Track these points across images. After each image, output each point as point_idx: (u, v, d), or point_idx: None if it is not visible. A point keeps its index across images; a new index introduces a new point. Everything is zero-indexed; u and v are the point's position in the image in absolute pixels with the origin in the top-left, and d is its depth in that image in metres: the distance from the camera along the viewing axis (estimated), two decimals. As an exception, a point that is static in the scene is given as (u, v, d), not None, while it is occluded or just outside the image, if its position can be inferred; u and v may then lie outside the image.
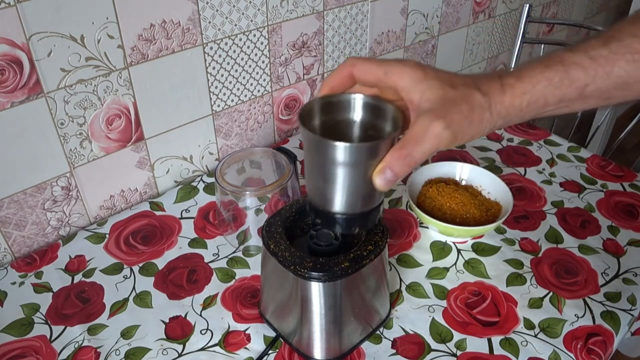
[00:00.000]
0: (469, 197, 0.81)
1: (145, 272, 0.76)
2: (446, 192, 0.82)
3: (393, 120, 0.54)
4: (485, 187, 0.85)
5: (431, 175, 0.87)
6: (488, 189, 0.85)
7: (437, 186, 0.83)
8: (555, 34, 1.76)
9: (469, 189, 0.85)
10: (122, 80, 0.79)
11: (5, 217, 0.76)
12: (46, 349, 0.65)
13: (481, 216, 0.79)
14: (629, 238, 0.82)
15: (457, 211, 0.80)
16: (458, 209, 0.80)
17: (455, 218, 0.79)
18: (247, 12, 0.88)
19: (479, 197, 0.83)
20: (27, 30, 0.67)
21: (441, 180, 0.86)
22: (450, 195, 0.81)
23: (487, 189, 0.85)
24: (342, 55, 1.09)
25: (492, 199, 0.84)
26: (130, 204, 0.90)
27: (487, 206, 0.82)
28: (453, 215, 0.80)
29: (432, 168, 0.87)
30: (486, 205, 0.82)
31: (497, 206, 0.82)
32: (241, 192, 0.74)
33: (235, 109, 0.96)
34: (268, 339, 0.66)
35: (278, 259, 0.59)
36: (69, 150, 0.78)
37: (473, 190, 0.85)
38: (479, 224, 0.78)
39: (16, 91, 0.69)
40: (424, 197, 0.83)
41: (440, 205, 0.81)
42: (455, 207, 0.80)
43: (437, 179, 0.87)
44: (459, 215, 0.79)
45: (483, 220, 0.79)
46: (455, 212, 0.80)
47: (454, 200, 0.80)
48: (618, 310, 0.70)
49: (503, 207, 0.81)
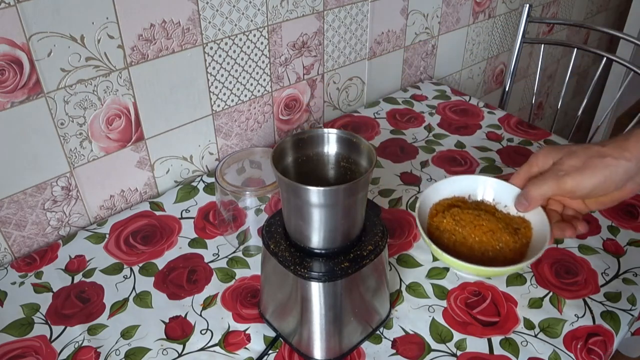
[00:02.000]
0: (495, 221, 0.65)
1: (145, 272, 0.76)
2: (466, 220, 0.65)
3: (367, 154, 0.55)
4: (499, 200, 0.68)
5: (432, 199, 0.69)
6: (504, 201, 0.68)
7: (451, 213, 0.66)
8: (555, 34, 1.76)
9: (483, 207, 0.69)
10: (122, 80, 0.79)
11: (5, 217, 0.76)
12: (46, 349, 0.65)
13: (515, 241, 0.63)
14: (629, 238, 0.82)
15: (487, 243, 0.63)
16: (488, 240, 0.63)
17: (486, 252, 0.63)
18: (247, 12, 0.88)
19: (498, 214, 0.67)
20: (27, 30, 0.67)
21: (450, 204, 0.69)
22: (472, 223, 0.64)
23: (503, 202, 0.68)
24: (342, 55, 1.09)
25: (512, 213, 0.67)
26: (130, 204, 0.90)
27: (514, 225, 0.66)
28: (483, 249, 0.63)
29: (431, 191, 0.69)
30: (512, 224, 0.66)
31: (524, 222, 0.66)
32: (241, 192, 0.74)
33: (235, 109, 0.96)
34: (268, 339, 0.66)
35: (278, 259, 0.59)
36: (69, 150, 0.78)
37: (488, 207, 0.69)
38: (516, 253, 0.63)
39: (16, 91, 0.69)
40: (438, 232, 0.65)
41: (464, 239, 0.64)
42: (484, 238, 0.63)
43: (443, 202, 0.69)
44: (491, 247, 0.63)
45: (519, 246, 0.63)
46: (485, 245, 0.63)
47: (480, 230, 0.64)
48: (618, 310, 0.70)
49: (531, 220, 0.65)
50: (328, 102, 1.13)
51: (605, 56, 1.21)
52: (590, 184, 0.56)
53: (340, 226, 0.55)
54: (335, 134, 0.56)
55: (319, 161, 0.58)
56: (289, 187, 0.52)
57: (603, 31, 1.23)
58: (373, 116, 1.13)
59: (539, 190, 0.60)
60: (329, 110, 1.14)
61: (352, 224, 0.56)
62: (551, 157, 0.61)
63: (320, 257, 0.58)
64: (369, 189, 0.89)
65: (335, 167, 0.58)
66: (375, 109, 1.16)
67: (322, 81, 1.08)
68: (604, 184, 0.56)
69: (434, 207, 0.69)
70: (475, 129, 1.09)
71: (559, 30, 1.78)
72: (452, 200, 0.70)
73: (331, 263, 0.57)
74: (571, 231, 0.60)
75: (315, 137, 0.56)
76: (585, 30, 1.91)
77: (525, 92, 1.80)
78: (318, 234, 0.55)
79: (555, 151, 0.61)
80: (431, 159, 1.00)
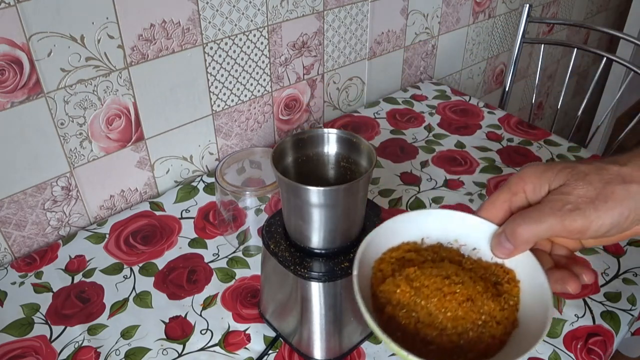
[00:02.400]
0: (469, 280, 0.44)
1: (145, 272, 0.76)
2: (430, 286, 0.44)
3: (367, 154, 0.55)
4: (466, 240, 0.49)
5: (374, 254, 0.48)
6: (472, 242, 0.48)
7: (405, 276, 0.45)
8: (555, 34, 1.76)
9: (445, 253, 0.48)
10: (122, 80, 0.79)
11: (5, 217, 0.76)
12: (46, 349, 0.65)
13: (502, 307, 0.44)
14: (629, 238, 0.82)
15: (466, 318, 0.42)
16: (465, 314, 0.42)
17: (465, 332, 0.42)
18: (247, 12, 0.88)
19: (466, 262, 0.48)
20: (27, 30, 0.67)
21: (399, 257, 0.48)
22: (440, 290, 0.43)
23: (470, 242, 0.48)
24: (342, 55, 1.09)
25: (485, 258, 0.48)
26: (130, 204, 0.90)
27: (492, 279, 0.47)
28: (461, 330, 0.42)
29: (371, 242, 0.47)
30: (489, 277, 0.47)
31: (506, 272, 0.47)
32: (241, 192, 0.74)
33: (235, 109, 0.96)
34: (268, 339, 0.66)
35: (278, 259, 0.59)
36: (69, 150, 0.78)
37: (451, 253, 0.48)
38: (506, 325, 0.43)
39: (16, 91, 0.69)
40: (391, 307, 0.44)
41: (430, 316, 0.43)
42: (459, 312, 0.42)
43: (389, 255, 0.48)
44: (472, 325, 0.42)
45: (507, 314, 0.44)
46: (462, 322, 0.42)
47: (454, 299, 0.43)
48: (618, 310, 0.70)
49: (516, 270, 0.46)
50: (328, 102, 1.13)
51: (605, 56, 1.21)
52: (609, 222, 0.40)
53: (340, 226, 0.55)
54: (335, 134, 0.56)
55: (319, 161, 0.58)
56: (289, 187, 0.52)
57: (603, 31, 1.23)
58: (373, 116, 1.13)
59: (533, 230, 0.42)
60: (329, 110, 1.14)
61: (352, 224, 0.56)
62: (546, 180, 0.43)
63: (320, 257, 0.58)
64: (369, 189, 0.89)
65: (335, 167, 0.58)
66: (375, 109, 1.16)
67: (322, 81, 1.08)
68: (627, 221, 0.41)
69: (377, 265, 0.47)
70: (475, 129, 1.09)
71: (559, 30, 1.78)
72: (402, 251, 0.48)
73: (331, 263, 0.57)
74: (575, 284, 0.43)
75: (315, 137, 0.56)
76: (585, 30, 1.91)
77: (525, 92, 1.80)
78: (318, 234, 0.55)
79: (552, 172, 0.43)
80: (431, 159, 1.00)
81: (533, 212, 0.42)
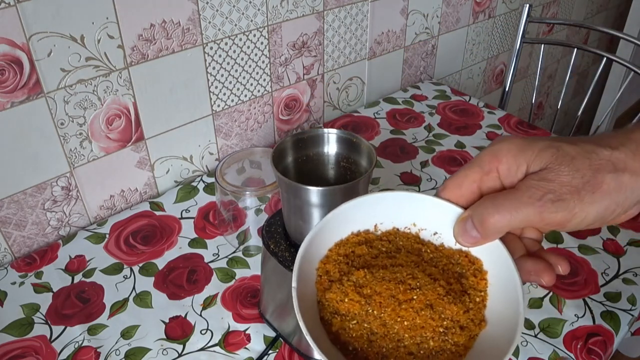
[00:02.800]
0: (428, 279, 0.39)
1: (145, 272, 0.76)
2: (384, 293, 0.38)
3: (367, 154, 0.55)
4: (425, 224, 0.43)
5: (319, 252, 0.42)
6: (432, 226, 0.42)
7: (354, 281, 0.39)
8: (555, 34, 1.76)
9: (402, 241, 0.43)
10: (122, 80, 0.79)
11: (5, 217, 0.76)
12: (46, 349, 0.65)
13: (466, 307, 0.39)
14: (629, 238, 0.82)
15: (426, 327, 0.38)
16: (425, 322, 0.38)
17: (425, 342, 0.38)
18: (247, 12, 0.88)
19: (426, 250, 0.42)
20: (27, 30, 0.67)
21: (346, 253, 0.42)
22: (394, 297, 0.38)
23: (431, 226, 0.42)
24: (342, 55, 1.09)
25: (448, 244, 0.42)
26: (130, 204, 0.90)
27: (455, 269, 0.41)
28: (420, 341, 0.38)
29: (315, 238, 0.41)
30: (451, 269, 0.41)
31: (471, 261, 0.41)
32: (241, 192, 0.74)
33: (235, 109, 0.96)
34: (268, 339, 0.66)
35: (278, 259, 0.59)
36: (69, 150, 0.78)
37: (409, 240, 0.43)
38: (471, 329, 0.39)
39: (16, 91, 0.69)
40: (337, 319, 0.39)
41: (384, 326, 0.38)
42: (417, 320, 0.38)
43: (335, 253, 0.42)
44: (432, 334, 0.38)
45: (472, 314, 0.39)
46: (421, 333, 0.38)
47: (409, 307, 0.38)
48: (618, 310, 0.70)
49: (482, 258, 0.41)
50: (328, 102, 1.13)
51: (605, 56, 1.21)
52: (593, 216, 0.35)
53: None
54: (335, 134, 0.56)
55: (319, 161, 0.58)
56: (289, 187, 0.52)
57: (603, 31, 1.23)
58: (373, 116, 1.13)
59: (506, 220, 0.36)
60: (329, 110, 1.14)
61: None
62: (525, 161, 0.36)
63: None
64: (369, 189, 0.89)
65: (335, 167, 0.58)
66: (375, 109, 1.16)
67: (322, 81, 1.08)
68: (612, 214, 0.36)
69: (322, 266, 0.41)
70: (475, 129, 1.09)
71: (559, 30, 1.78)
72: (350, 245, 0.42)
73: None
74: (550, 275, 0.38)
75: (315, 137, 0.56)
76: (585, 30, 1.91)
77: (525, 92, 1.80)
78: None
79: (532, 151, 0.36)
80: (431, 159, 1.00)
81: (508, 200, 0.36)
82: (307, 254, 0.40)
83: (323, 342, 0.36)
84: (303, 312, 0.37)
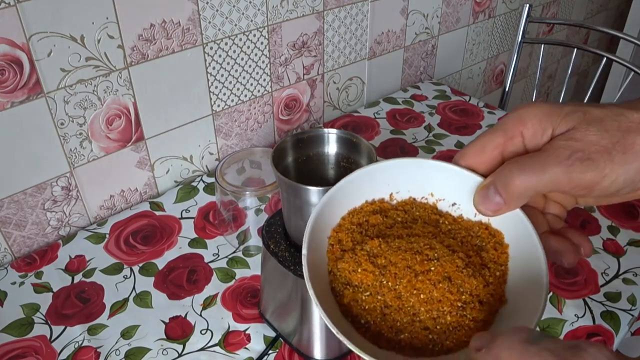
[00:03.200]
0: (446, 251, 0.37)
1: (145, 272, 0.76)
2: (399, 263, 0.36)
3: (367, 154, 0.55)
4: (444, 194, 0.41)
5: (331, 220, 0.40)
6: (451, 197, 0.41)
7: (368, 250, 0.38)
8: (555, 34, 1.76)
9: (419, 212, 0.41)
10: (122, 80, 0.79)
11: (5, 217, 0.75)
12: (46, 349, 0.65)
13: (486, 282, 0.37)
14: (629, 238, 0.82)
15: (443, 301, 0.36)
16: (442, 296, 0.36)
17: (442, 316, 0.36)
18: (247, 12, 0.88)
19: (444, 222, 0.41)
20: (27, 30, 0.67)
21: (360, 222, 0.40)
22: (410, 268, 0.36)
23: (450, 197, 0.41)
24: (342, 55, 1.09)
25: (467, 215, 0.40)
26: (130, 204, 0.90)
27: (474, 242, 0.39)
28: (436, 315, 0.36)
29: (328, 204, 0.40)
30: (471, 241, 0.39)
31: (492, 234, 0.39)
32: (241, 192, 0.74)
33: (235, 109, 0.96)
34: (268, 339, 0.66)
35: (278, 259, 0.59)
36: (69, 150, 0.78)
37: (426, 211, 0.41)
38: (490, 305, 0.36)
39: (16, 91, 0.69)
40: (349, 289, 0.37)
41: (398, 299, 0.36)
42: (435, 293, 0.36)
43: (348, 221, 0.41)
44: (449, 308, 0.36)
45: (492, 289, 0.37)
46: (438, 307, 0.36)
47: (426, 279, 0.36)
48: (618, 310, 0.70)
49: (504, 230, 0.39)
50: (328, 102, 1.13)
51: (605, 56, 1.21)
52: (623, 179, 0.33)
53: None
54: (335, 134, 0.56)
55: (319, 161, 0.58)
56: (289, 187, 0.52)
57: (603, 31, 1.23)
58: (373, 116, 1.13)
59: (532, 182, 0.34)
60: (329, 110, 1.14)
61: None
62: (550, 124, 0.35)
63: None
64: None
65: (335, 167, 0.58)
66: (375, 109, 1.16)
67: (322, 81, 1.08)
68: (635, 182, 0.34)
69: (334, 235, 0.40)
70: (475, 129, 1.09)
71: (559, 30, 1.78)
72: (364, 213, 0.41)
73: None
74: (572, 257, 0.37)
75: (315, 137, 0.56)
76: (585, 30, 1.91)
77: (525, 92, 1.80)
78: None
79: (559, 114, 0.35)
80: (431, 159, 0.99)
81: (533, 160, 0.34)
82: (319, 221, 0.38)
83: (334, 314, 0.34)
84: (313, 282, 0.35)
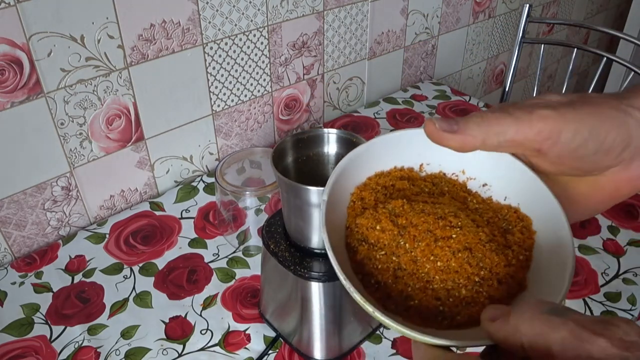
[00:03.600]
0: (471, 224, 0.35)
1: (145, 272, 0.76)
2: (419, 225, 0.35)
3: None
4: (475, 173, 0.39)
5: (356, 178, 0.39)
6: (483, 176, 0.39)
7: (390, 209, 0.36)
8: (555, 34, 1.76)
9: (447, 187, 0.40)
10: (122, 80, 0.79)
11: (5, 217, 0.76)
12: (46, 349, 0.65)
13: (508, 262, 0.34)
14: (629, 238, 0.82)
15: (460, 272, 0.33)
16: (459, 266, 0.33)
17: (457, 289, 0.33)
18: (247, 12, 0.88)
19: (472, 200, 0.39)
20: (27, 30, 0.67)
21: (386, 184, 0.39)
22: (430, 231, 0.34)
23: (482, 177, 0.39)
24: (342, 55, 1.09)
25: (497, 197, 0.38)
26: (130, 204, 0.90)
27: (501, 224, 0.37)
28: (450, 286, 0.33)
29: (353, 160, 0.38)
30: (498, 222, 0.37)
31: (520, 217, 0.37)
32: (241, 192, 0.74)
33: (235, 109, 0.96)
34: (268, 339, 0.66)
35: (278, 259, 0.59)
36: (69, 150, 0.78)
37: (455, 188, 0.40)
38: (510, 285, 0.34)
39: (16, 91, 0.69)
40: (365, 247, 0.36)
41: (414, 263, 0.34)
42: (452, 262, 0.34)
43: (374, 181, 0.39)
44: (465, 281, 0.33)
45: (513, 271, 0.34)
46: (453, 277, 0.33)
47: (446, 246, 0.34)
48: (618, 310, 0.70)
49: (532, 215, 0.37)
50: (328, 102, 1.13)
51: (605, 56, 1.21)
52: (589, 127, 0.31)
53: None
54: (335, 134, 0.56)
55: (319, 161, 0.58)
56: (289, 187, 0.52)
57: (603, 31, 1.23)
58: (373, 116, 1.13)
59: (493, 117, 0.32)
60: (329, 110, 1.14)
61: None
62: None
63: (320, 257, 0.58)
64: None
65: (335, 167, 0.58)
66: (375, 109, 1.16)
67: (322, 81, 1.08)
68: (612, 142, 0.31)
69: (358, 192, 0.38)
70: (475, 129, 1.09)
71: (559, 30, 1.78)
72: (392, 178, 0.39)
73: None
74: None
75: (315, 137, 0.56)
76: (585, 30, 1.91)
77: (525, 92, 1.80)
78: (318, 234, 0.55)
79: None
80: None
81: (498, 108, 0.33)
82: (344, 173, 0.37)
83: (344, 269, 0.32)
84: (329, 230, 0.34)
